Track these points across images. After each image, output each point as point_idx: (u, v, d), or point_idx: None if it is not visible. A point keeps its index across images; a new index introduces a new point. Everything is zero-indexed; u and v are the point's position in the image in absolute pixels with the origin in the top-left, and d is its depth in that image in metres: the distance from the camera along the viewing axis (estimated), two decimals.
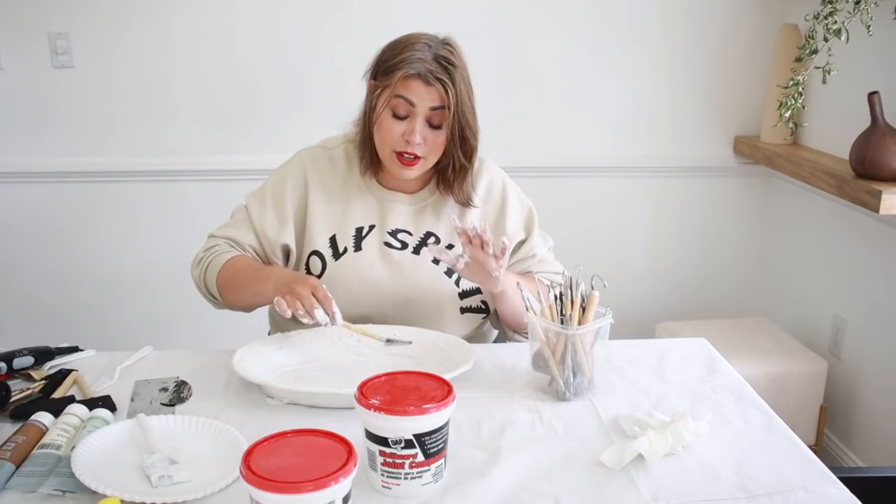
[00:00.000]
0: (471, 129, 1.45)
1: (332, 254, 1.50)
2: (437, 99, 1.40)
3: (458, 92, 1.40)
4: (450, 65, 1.40)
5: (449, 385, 1.08)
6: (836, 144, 2.43)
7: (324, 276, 1.49)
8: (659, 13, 2.65)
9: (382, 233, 1.52)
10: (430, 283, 1.51)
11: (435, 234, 1.53)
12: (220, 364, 1.38)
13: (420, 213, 1.54)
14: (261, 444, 0.93)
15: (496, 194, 1.59)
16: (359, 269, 1.49)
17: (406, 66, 1.38)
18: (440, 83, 1.39)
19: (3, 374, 1.33)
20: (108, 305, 2.74)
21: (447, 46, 1.43)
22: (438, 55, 1.40)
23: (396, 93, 1.40)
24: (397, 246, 1.52)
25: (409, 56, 1.39)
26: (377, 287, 1.50)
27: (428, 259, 1.52)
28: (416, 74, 1.39)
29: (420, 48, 1.40)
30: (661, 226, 2.86)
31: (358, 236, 1.51)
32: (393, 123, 1.42)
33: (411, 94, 1.40)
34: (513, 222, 1.58)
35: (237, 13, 2.54)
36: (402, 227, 1.53)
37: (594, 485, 1.07)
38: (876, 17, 1.94)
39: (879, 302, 2.26)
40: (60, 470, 1.05)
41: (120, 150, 2.62)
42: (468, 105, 1.44)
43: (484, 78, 2.66)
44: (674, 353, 1.48)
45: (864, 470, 2.07)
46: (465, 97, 1.43)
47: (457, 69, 1.41)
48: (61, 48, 2.51)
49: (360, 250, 1.51)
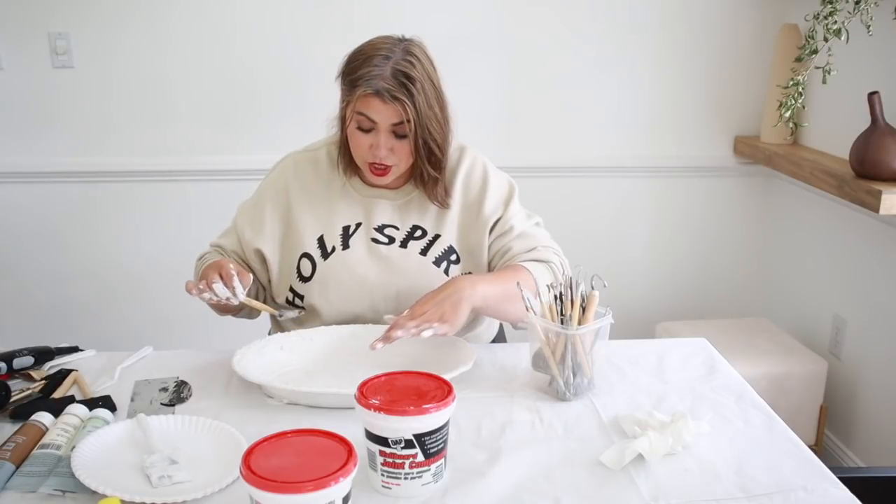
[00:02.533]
0: (435, 140, 1.44)
1: (321, 254, 1.52)
2: (396, 115, 1.39)
3: (417, 106, 1.39)
4: (408, 79, 1.38)
5: (449, 385, 1.08)
6: (836, 144, 2.43)
7: (315, 275, 1.51)
8: (659, 13, 2.65)
9: (369, 229, 1.53)
10: (418, 274, 1.51)
11: (422, 226, 1.53)
12: (220, 364, 1.38)
13: (405, 207, 1.54)
14: (261, 444, 0.93)
15: (476, 179, 1.56)
16: (348, 265, 1.51)
17: (364, 84, 1.37)
18: (397, 101, 1.37)
19: (3, 374, 1.33)
20: (107, 305, 2.74)
21: (408, 57, 1.40)
22: (397, 70, 1.38)
23: (358, 110, 1.40)
24: (384, 241, 1.52)
25: (366, 73, 1.37)
26: (367, 282, 1.51)
27: (415, 251, 1.52)
28: (374, 93, 1.37)
29: (378, 62, 1.38)
30: (661, 226, 2.86)
31: (345, 235, 1.52)
32: (360, 136, 1.43)
33: (371, 111, 1.39)
34: (491, 203, 1.54)
35: (237, 13, 2.54)
36: (388, 223, 1.53)
37: (594, 485, 1.07)
38: (876, 17, 1.93)
39: (879, 302, 2.26)
40: (60, 470, 1.05)
41: (120, 150, 2.62)
42: (431, 116, 1.42)
43: (484, 78, 2.69)
44: (674, 353, 1.48)
45: (864, 470, 2.07)
46: (427, 110, 1.40)
47: (415, 82, 1.39)
48: (61, 48, 2.51)
49: (349, 248, 1.52)
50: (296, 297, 1.53)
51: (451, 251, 1.54)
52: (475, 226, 1.54)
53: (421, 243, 1.53)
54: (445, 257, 1.53)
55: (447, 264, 1.53)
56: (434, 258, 1.52)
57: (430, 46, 1.48)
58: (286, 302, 1.55)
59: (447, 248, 1.53)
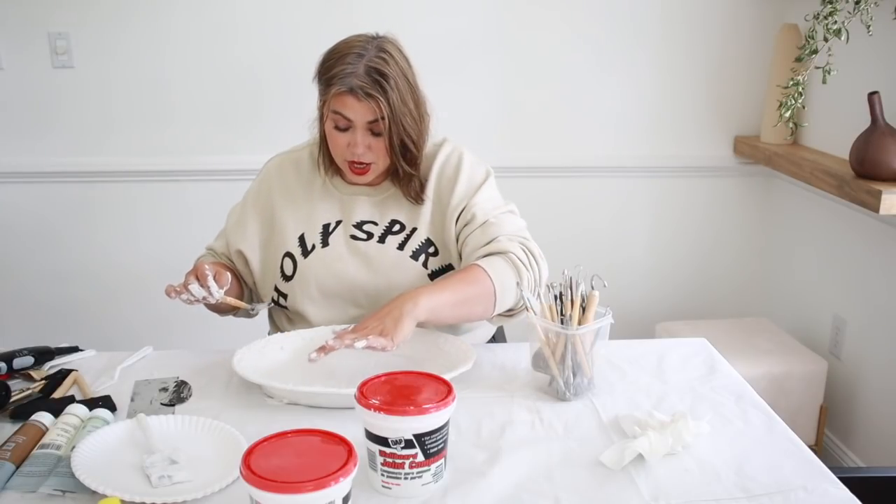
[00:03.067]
0: (410, 137, 1.44)
1: (301, 252, 1.52)
2: (370, 113, 1.40)
3: (391, 103, 1.39)
4: (381, 76, 1.38)
5: (449, 385, 1.08)
6: (836, 144, 2.43)
7: (296, 274, 1.52)
8: (659, 13, 2.65)
9: (348, 226, 1.53)
10: (396, 269, 1.51)
11: (400, 221, 1.53)
12: (220, 364, 1.38)
13: (383, 203, 1.55)
14: (261, 444, 0.93)
15: (449, 170, 1.54)
16: (327, 262, 1.51)
17: (338, 83, 1.38)
18: (371, 98, 1.38)
19: (3, 374, 1.33)
20: (107, 305, 2.74)
21: (381, 54, 1.40)
22: (370, 67, 1.38)
23: (333, 108, 1.41)
24: (363, 237, 1.53)
25: (340, 71, 1.38)
26: (346, 278, 1.51)
27: (393, 246, 1.52)
28: (349, 90, 1.38)
29: (352, 60, 1.38)
30: (661, 226, 2.86)
31: (325, 232, 1.53)
32: (337, 135, 1.44)
33: (346, 110, 1.40)
34: (459, 192, 1.51)
35: (237, 13, 2.54)
36: (367, 219, 1.54)
37: (594, 485, 1.07)
38: (876, 17, 1.93)
39: (879, 302, 2.26)
40: (60, 470, 1.05)
41: (120, 150, 2.62)
42: (406, 112, 1.42)
43: (484, 78, 2.69)
44: (674, 353, 1.48)
45: (864, 470, 2.07)
46: (401, 106, 1.41)
47: (389, 79, 1.39)
48: (61, 48, 2.51)
49: (328, 245, 1.52)
50: (280, 296, 1.54)
51: (428, 243, 1.52)
52: (444, 217, 1.52)
53: (398, 238, 1.52)
54: (423, 250, 1.52)
55: (425, 257, 1.52)
56: (411, 252, 1.51)
57: (429, 46, 1.48)
58: (272, 302, 1.56)
59: (424, 240, 1.52)
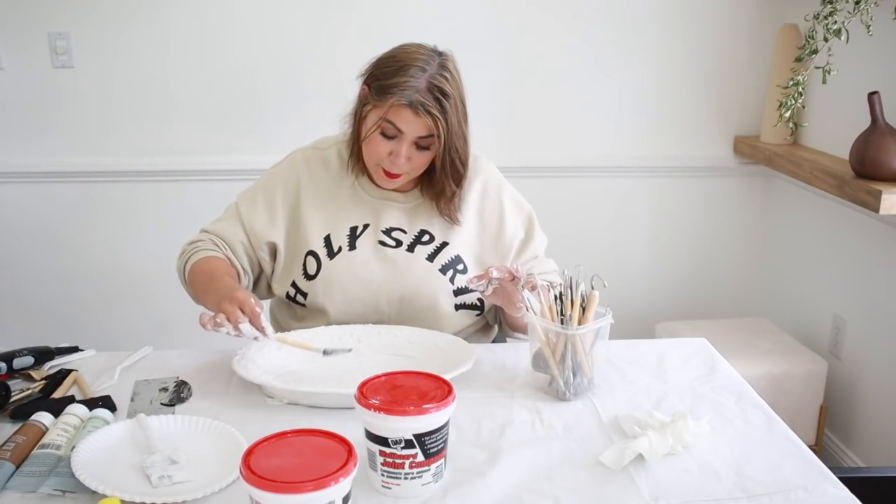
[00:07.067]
0: (460, 157, 1.45)
1: (326, 253, 1.51)
2: (425, 129, 1.40)
3: (448, 123, 1.39)
4: (442, 95, 1.38)
5: (449, 385, 1.08)
6: (836, 144, 2.43)
7: (319, 274, 1.50)
8: (659, 13, 2.65)
9: (377, 231, 1.52)
10: (424, 280, 1.51)
11: (430, 232, 1.53)
12: (220, 364, 1.38)
13: (414, 211, 1.54)
14: (261, 444, 0.93)
15: (493, 194, 1.58)
16: (353, 267, 1.50)
17: (399, 94, 1.36)
18: (430, 116, 1.37)
19: (3, 374, 1.33)
20: (108, 305, 2.74)
21: (443, 72, 1.40)
22: (432, 84, 1.38)
23: (387, 118, 1.39)
24: (391, 244, 1.52)
25: (402, 82, 1.36)
26: (372, 284, 1.50)
27: (422, 256, 1.52)
28: (408, 104, 1.37)
29: (415, 73, 1.37)
30: (661, 226, 2.86)
31: (352, 235, 1.52)
32: (381, 142, 1.42)
33: (401, 122, 1.39)
34: (511, 224, 1.58)
35: (237, 13, 2.54)
36: (396, 226, 1.53)
37: (594, 485, 1.07)
38: (876, 17, 1.93)
39: (879, 302, 2.26)
40: (60, 470, 1.05)
41: (120, 150, 2.62)
42: (459, 133, 1.42)
43: (484, 78, 2.69)
44: (674, 353, 1.48)
45: (864, 470, 2.07)
46: (456, 127, 1.41)
47: (449, 98, 1.39)
48: (61, 48, 2.51)
49: (355, 249, 1.51)
50: (298, 293, 1.53)
51: (458, 260, 1.53)
52: (496, 246, 1.57)
53: (428, 248, 1.53)
54: (452, 266, 1.53)
55: (453, 273, 1.52)
56: (441, 265, 1.52)
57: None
58: (286, 297, 1.55)
59: (454, 256, 1.53)
